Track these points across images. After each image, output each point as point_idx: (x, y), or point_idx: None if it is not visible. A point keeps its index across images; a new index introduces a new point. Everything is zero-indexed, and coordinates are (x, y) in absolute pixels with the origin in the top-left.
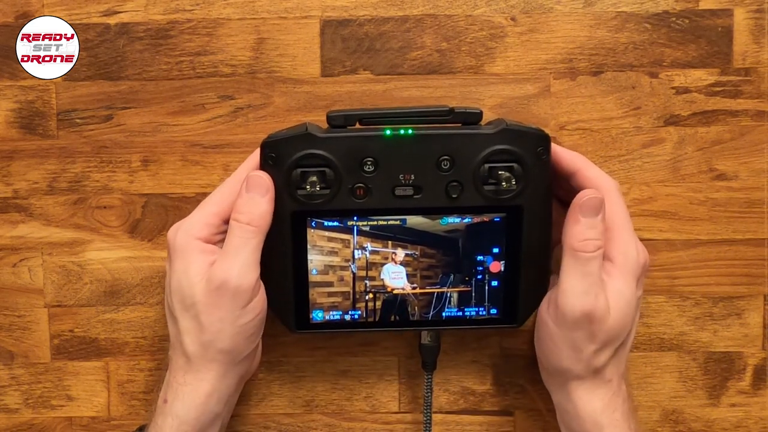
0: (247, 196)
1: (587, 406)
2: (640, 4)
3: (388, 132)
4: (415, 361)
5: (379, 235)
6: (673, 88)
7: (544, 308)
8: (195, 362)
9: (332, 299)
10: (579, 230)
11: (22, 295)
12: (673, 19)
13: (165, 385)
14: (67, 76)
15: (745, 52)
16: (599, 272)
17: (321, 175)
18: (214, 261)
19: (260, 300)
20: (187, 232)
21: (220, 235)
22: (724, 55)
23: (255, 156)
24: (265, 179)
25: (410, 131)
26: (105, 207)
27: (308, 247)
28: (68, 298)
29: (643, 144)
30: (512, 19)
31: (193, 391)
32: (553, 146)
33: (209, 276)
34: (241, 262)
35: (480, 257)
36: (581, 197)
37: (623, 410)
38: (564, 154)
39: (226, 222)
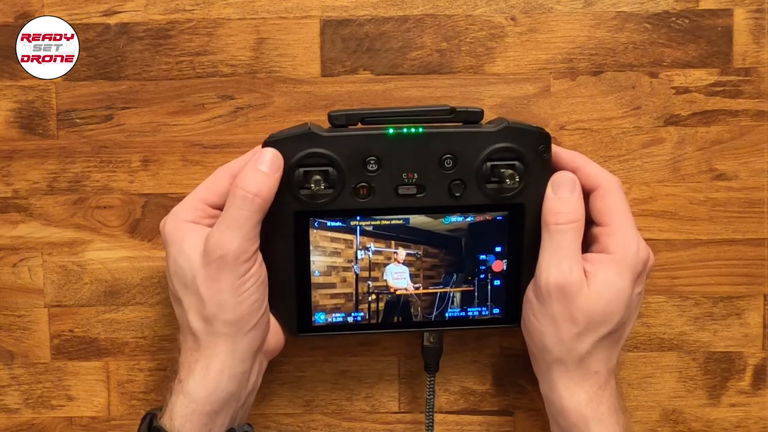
0: (258, 168)
1: (571, 397)
2: (640, 4)
3: (391, 131)
4: (415, 361)
5: (382, 234)
6: (673, 88)
7: (529, 286)
8: (202, 340)
9: (335, 301)
10: (550, 205)
11: (22, 295)
12: (673, 19)
13: (179, 366)
14: (67, 76)
15: (745, 52)
16: (573, 246)
17: (324, 175)
18: (206, 235)
19: (259, 265)
20: (176, 217)
21: (208, 220)
22: (724, 55)
23: (251, 153)
24: (278, 156)
25: (413, 130)
26: (105, 207)
27: (311, 248)
28: (68, 298)
29: (643, 144)
30: (512, 19)
31: (204, 368)
32: (552, 146)
33: (206, 248)
34: (242, 236)
35: (482, 256)
36: (554, 175)
37: (610, 404)
38: (563, 153)
39: (214, 208)
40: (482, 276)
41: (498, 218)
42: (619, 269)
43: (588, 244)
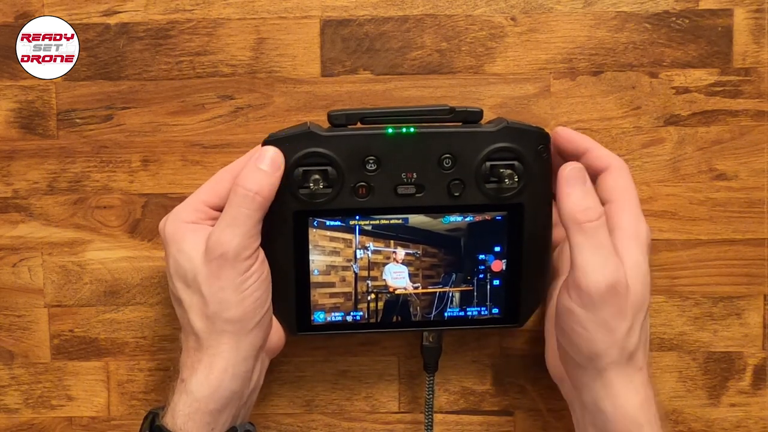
0: (258, 167)
1: (626, 402)
2: (640, 4)
3: (390, 130)
4: (414, 361)
5: (381, 234)
6: (673, 88)
7: (565, 297)
8: (205, 339)
9: (334, 300)
10: (575, 201)
11: (22, 295)
12: (673, 19)
13: (181, 366)
14: (67, 76)
15: (745, 52)
16: (609, 242)
17: (323, 174)
18: (207, 235)
19: (261, 262)
20: (176, 218)
21: (209, 221)
22: (724, 55)
23: (251, 153)
24: (279, 155)
25: (412, 129)
26: (105, 207)
27: (310, 247)
28: (68, 298)
29: (643, 144)
30: (512, 19)
31: (207, 367)
32: (563, 128)
33: (207, 246)
34: (243, 234)
35: (482, 256)
36: (563, 170)
37: (656, 404)
38: (574, 135)
39: (215, 209)
40: (481, 276)
41: (497, 218)
42: (639, 248)
43: None
